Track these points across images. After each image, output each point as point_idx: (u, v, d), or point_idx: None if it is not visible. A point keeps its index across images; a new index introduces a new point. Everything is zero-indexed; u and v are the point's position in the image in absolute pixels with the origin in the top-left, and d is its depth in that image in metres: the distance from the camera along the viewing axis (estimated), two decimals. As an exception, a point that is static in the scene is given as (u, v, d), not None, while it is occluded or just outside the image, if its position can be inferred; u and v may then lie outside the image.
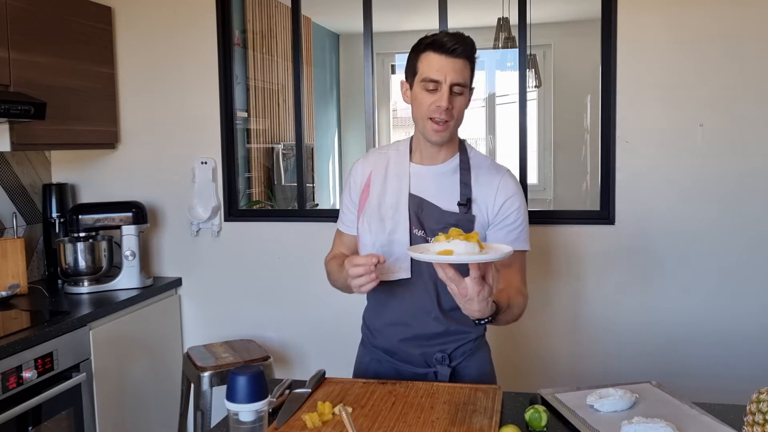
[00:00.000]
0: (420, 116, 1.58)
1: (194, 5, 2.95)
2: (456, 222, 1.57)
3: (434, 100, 1.54)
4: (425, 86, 1.55)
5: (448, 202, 1.61)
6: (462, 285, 1.33)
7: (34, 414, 2.17)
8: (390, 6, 4.82)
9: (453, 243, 1.31)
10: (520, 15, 2.77)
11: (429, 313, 1.63)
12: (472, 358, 1.71)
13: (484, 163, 1.67)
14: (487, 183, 1.62)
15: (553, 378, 2.69)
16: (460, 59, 1.53)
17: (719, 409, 1.43)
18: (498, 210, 1.61)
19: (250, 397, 1.10)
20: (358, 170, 1.74)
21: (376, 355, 1.74)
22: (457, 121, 1.59)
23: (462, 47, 1.53)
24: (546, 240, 2.74)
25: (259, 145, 4.25)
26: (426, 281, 1.62)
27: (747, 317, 2.59)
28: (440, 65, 1.52)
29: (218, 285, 3.04)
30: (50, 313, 2.42)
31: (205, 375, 2.49)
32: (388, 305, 1.68)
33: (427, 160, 1.66)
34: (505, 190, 1.62)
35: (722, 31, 2.52)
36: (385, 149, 1.74)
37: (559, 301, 2.75)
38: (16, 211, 2.88)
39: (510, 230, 1.63)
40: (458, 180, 1.63)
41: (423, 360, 1.68)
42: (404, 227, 1.61)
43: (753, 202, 2.56)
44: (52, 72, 2.59)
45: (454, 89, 1.54)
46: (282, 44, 4.41)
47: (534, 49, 5.18)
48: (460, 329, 1.66)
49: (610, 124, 2.65)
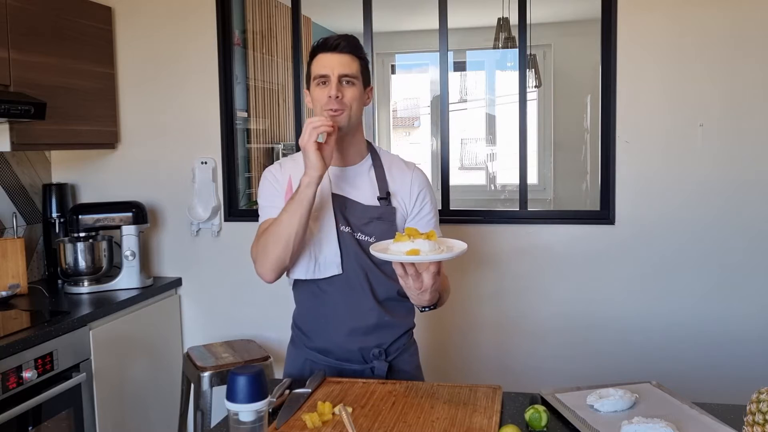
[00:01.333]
0: (318, 111, 1.65)
1: (194, 5, 2.95)
2: (380, 215, 1.68)
3: (326, 92, 1.63)
4: (317, 83, 1.65)
5: (368, 197, 1.70)
6: (419, 279, 1.44)
7: (34, 414, 2.17)
8: (390, 6, 4.81)
9: (417, 242, 1.40)
10: (520, 15, 2.77)
11: (364, 305, 1.69)
12: (406, 354, 1.78)
13: (395, 160, 1.79)
14: (401, 177, 1.74)
15: (553, 378, 2.68)
16: (345, 54, 1.65)
17: (719, 409, 1.43)
18: (414, 201, 1.73)
19: (250, 397, 1.10)
20: (275, 176, 1.75)
21: (310, 355, 1.76)
22: (352, 110, 1.65)
23: (345, 42, 1.65)
24: (546, 240, 2.74)
25: (259, 145, 4.24)
26: (358, 274, 1.67)
27: (747, 317, 2.59)
28: (327, 61, 1.64)
29: (218, 285, 3.04)
30: (50, 313, 2.42)
31: (205, 375, 2.49)
32: (321, 304, 1.71)
33: (340, 161, 1.72)
34: (417, 183, 1.74)
35: (722, 31, 2.52)
36: (298, 156, 1.73)
37: (559, 300, 2.75)
38: (16, 211, 2.88)
39: (427, 220, 1.73)
40: (374, 177, 1.73)
41: (360, 356, 1.72)
42: (331, 225, 1.67)
43: (753, 202, 2.56)
44: (52, 72, 2.59)
45: (343, 80, 1.63)
46: (282, 44, 4.40)
47: (534, 49, 5.18)
48: (394, 321, 1.72)
49: (610, 124, 2.65)
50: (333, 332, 1.71)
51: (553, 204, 5.81)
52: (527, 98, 2.82)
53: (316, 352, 1.75)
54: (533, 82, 5.00)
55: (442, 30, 2.82)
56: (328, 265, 1.66)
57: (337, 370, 1.73)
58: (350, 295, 1.68)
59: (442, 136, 2.88)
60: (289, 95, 4.49)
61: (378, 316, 1.69)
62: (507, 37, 4.56)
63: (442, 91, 2.87)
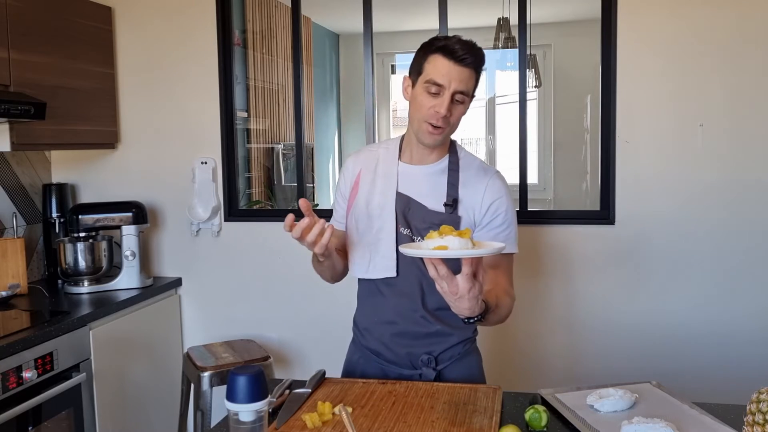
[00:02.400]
0: (417, 117, 1.57)
1: (194, 5, 2.95)
2: (441, 222, 1.56)
3: (434, 105, 1.53)
4: (428, 88, 1.53)
5: (434, 202, 1.61)
6: (453, 282, 1.31)
7: (34, 414, 2.17)
8: (390, 6, 4.82)
9: (447, 239, 1.30)
10: (520, 15, 2.77)
11: (415, 311, 1.64)
12: (460, 363, 1.70)
13: (473, 164, 1.67)
14: (474, 184, 1.62)
15: (553, 378, 2.69)
16: (467, 69, 1.53)
17: (719, 409, 1.43)
18: (485, 211, 1.61)
19: (250, 397, 1.10)
20: (349, 167, 1.75)
21: (364, 354, 1.75)
22: (453, 128, 1.59)
23: (472, 57, 1.52)
24: (546, 240, 2.74)
25: (259, 145, 4.25)
26: (411, 281, 1.63)
27: (747, 317, 2.59)
28: (447, 70, 1.51)
29: (218, 285, 3.04)
30: (50, 313, 2.42)
31: (205, 375, 2.49)
32: (374, 304, 1.70)
33: (416, 160, 1.66)
34: (492, 192, 1.62)
35: (722, 31, 2.52)
36: (376, 147, 1.75)
37: (559, 300, 2.75)
38: (16, 211, 2.88)
39: (498, 232, 1.61)
40: (445, 181, 1.63)
41: (409, 361, 1.68)
42: (391, 225, 1.61)
43: (752, 202, 2.56)
44: (52, 72, 2.59)
45: (456, 97, 1.53)
46: (282, 44, 4.41)
47: (534, 49, 5.18)
48: (446, 330, 1.66)
49: (610, 124, 2.65)
50: (383, 334, 1.68)
51: (553, 204, 5.82)
52: (527, 98, 2.82)
53: (369, 351, 1.73)
54: (533, 82, 5.00)
55: (442, 30, 2.82)
56: (382, 266, 1.62)
57: (385, 372, 1.70)
58: (402, 299, 1.64)
59: (442, 136, 2.88)
60: (289, 95, 4.49)
61: (428, 325, 1.64)
62: (507, 37, 4.56)
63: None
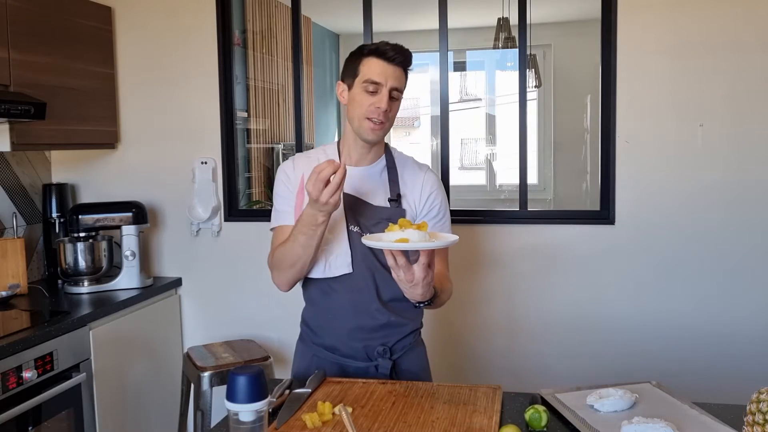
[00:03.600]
0: (357, 116, 1.67)
1: (194, 5, 2.95)
2: (389, 216, 1.67)
3: (374, 102, 1.64)
4: (366, 87, 1.64)
5: (379, 198, 1.72)
6: (410, 271, 1.44)
7: (34, 414, 2.17)
8: (390, 6, 4.82)
9: (407, 232, 1.42)
10: (520, 15, 2.77)
11: (370, 305, 1.70)
12: (411, 353, 1.79)
13: (408, 161, 1.81)
14: (412, 180, 1.76)
15: (553, 378, 2.68)
16: (399, 68, 1.66)
17: (719, 409, 1.43)
18: (424, 203, 1.75)
19: (250, 397, 1.11)
20: (288, 172, 1.77)
21: (317, 351, 1.78)
22: (391, 123, 1.70)
23: (402, 57, 1.66)
24: (546, 240, 2.74)
25: (259, 145, 4.24)
26: (365, 274, 1.69)
27: (747, 317, 2.59)
28: (382, 70, 1.64)
29: (218, 285, 3.04)
30: (50, 313, 2.42)
31: (205, 375, 2.49)
32: (328, 301, 1.73)
33: (356, 161, 1.75)
34: (428, 185, 1.76)
35: (722, 31, 2.52)
36: (313, 153, 1.81)
37: (559, 300, 2.75)
38: (16, 211, 2.88)
39: (436, 222, 1.75)
40: (386, 178, 1.75)
41: (365, 353, 1.73)
42: (342, 224, 1.69)
43: (752, 201, 2.56)
44: (52, 72, 2.59)
45: (392, 94, 1.65)
46: (282, 44, 4.40)
47: (534, 49, 5.18)
48: (400, 321, 1.73)
49: (610, 124, 2.65)
50: (339, 330, 1.73)
51: (553, 204, 5.82)
52: (527, 98, 2.82)
53: (322, 349, 1.77)
54: (533, 82, 5.00)
55: (442, 30, 2.82)
56: (338, 264, 1.68)
57: (342, 367, 1.74)
58: (357, 294, 1.70)
59: (442, 136, 2.88)
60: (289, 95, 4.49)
61: (383, 317, 1.71)
62: (507, 37, 4.56)
63: (442, 91, 2.87)
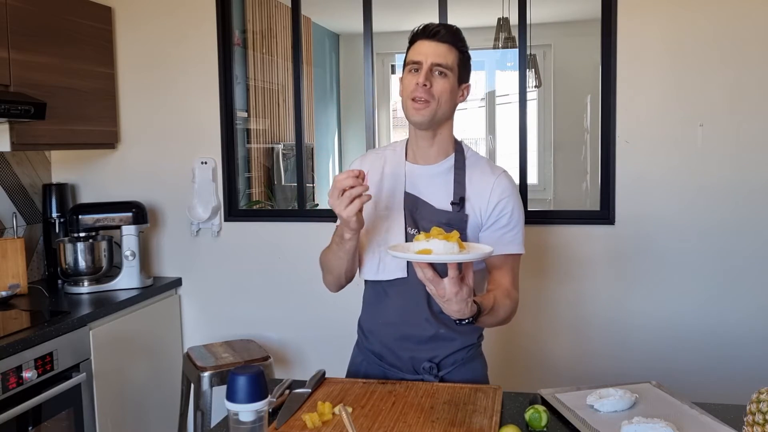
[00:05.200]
0: (403, 100, 1.60)
1: (194, 5, 2.95)
2: (448, 220, 1.56)
3: (415, 79, 1.55)
4: (409, 69, 1.58)
5: (441, 200, 1.61)
6: (440, 285, 1.31)
7: (34, 414, 2.17)
8: (390, 6, 4.81)
9: (432, 242, 1.30)
10: (520, 15, 2.77)
11: (420, 314, 1.61)
12: (463, 368, 1.68)
13: (480, 163, 1.66)
14: (481, 183, 1.61)
15: (553, 378, 2.69)
16: (442, 43, 1.56)
17: (719, 409, 1.43)
18: (492, 210, 1.60)
19: (250, 397, 1.10)
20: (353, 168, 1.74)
21: (367, 357, 1.73)
22: (440, 104, 1.56)
23: (444, 31, 1.56)
24: (546, 240, 2.74)
25: (259, 145, 4.25)
26: (419, 282, 1.57)
27: (747, 317, 2.59)
28: (423, 48, 1.56)
29: (218, 285, 3.04)
30: (50, 313, 2.42)
31: (205, 375, 2.49)
32: (380, 305, 1.67)
33: (421, 159, 1.65)
34: (499, 191, 1.60)
35: (722, 31, 2.52)
36: (382, 150, 1.74)
37: (559, 301, 2.75)
38: (16, 211, 2.88)
39: (504, 232, 1.60)
40: (452, 179, 1.62)
41: (411, 365, 1.65)
42: (399, 225, 1.61)
43: (752, 202, 2.56)
44: (52, 72, 2.59)
45: (435, 70, 1.55)
46: (282, 44, 4.41)
47: (534, 49, 5.18)
48: (449, 334, 1.63)
49: (610, 124, 2.65)
50: (387, 337, 1.67)
51: (553, 204, 5.81)
52: (527, 98, 2.82)
53: (371, 354, 1.71)
54: (533, 82, 4.99)
55: (442, 30, 2.82)
56: (393, 266, 1.60)
57: (386, 376, 1.67)
58: (408, 301, 1.61)
59: (442, 136, 2.88)
60: (289, 95, 4.49)
61: (432, 328, 1.61)
62: (507, 37, 4.56)
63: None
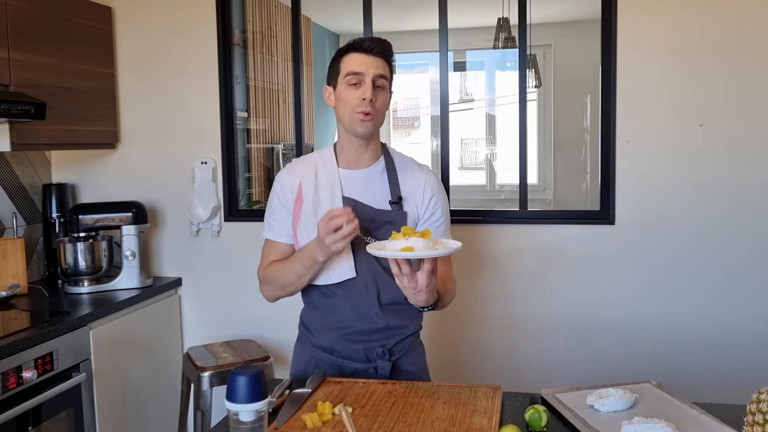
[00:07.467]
0: (346, 112, 1.65)
1: (194, 5, 2.95)
2: (390, 219, 1.67)
3: (359, 94, 1.62)
4: (349, 81, 1.63)
5: (379, 201, 1.69)
6: (414, 279, 1.45)
7: (34, 414, 2.17)
8: (390, 6, 4.82)
9: (411, 240, 1.43)
10: (520, 15, 2.77)
11: (370, 309, 1.68)
12: (410, 354, 1.78)
13: (408, 162, 1.78)
14: (413, 181, 1.73)
15: (553, 378, 2.68)
16: (378, 58, 1.65)
17: (719, 409, 1.43)
18: (427, 206, 1.72)
19: (250, 397, 1.10)
20: (285, 180, 1.75)
21: (315, 353, 1.77)
22: (379, 117, 1.67)
23: (380, 47, 1.65)
24: (546, 240, 2.74)
25: (259, 145, 4.24)
26: (368, 278, 1.68)
27: (747, 317, 2.59)
28: (361, 60, 1.64)
29: (218, 285, 3.04)
30: (50, 313, 2.42)
31: (205, 375, 2.49)
32: (329, 306, 1.72)
33: (353, 164, 1.72)
34: (431, 187, 1.73)
35: (722, 31, 2.52)
36: (309, 158, 1.78)
37: (559, 300, 2.75)
38: (16, 211, 2.88)
39: (438, 224, 1.73)
40: (386, 180, 1.72)
41: (364, 355, 1.72)
42: None
43: (752, 202, 2.56)
44: (52, 72, 2.59)
45: (377, 83, 1.63)
46: (282, 44, 4.40)
47: (534, 49, 5.18)
48: (399, 324, 1.71)
49: (610, 124, 2.65)
50: (338, 332, 1.72)
51: (553, 204, 5.81)
52: (527, 98, 2.82)
53: (320, 350, 1.76)
54: (533, 82, 5.00)
55: (442, 30, 2.82)
56: (342, 269, 1.66)
57: (340, 368, 1.73)
58: (357, 298, 1.68)
59: (442, 136, 2.88)
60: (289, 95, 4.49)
61: (382, 321, 1.69)
62: (507, 37, 4.56)
63: (442, 91, 2.87)
